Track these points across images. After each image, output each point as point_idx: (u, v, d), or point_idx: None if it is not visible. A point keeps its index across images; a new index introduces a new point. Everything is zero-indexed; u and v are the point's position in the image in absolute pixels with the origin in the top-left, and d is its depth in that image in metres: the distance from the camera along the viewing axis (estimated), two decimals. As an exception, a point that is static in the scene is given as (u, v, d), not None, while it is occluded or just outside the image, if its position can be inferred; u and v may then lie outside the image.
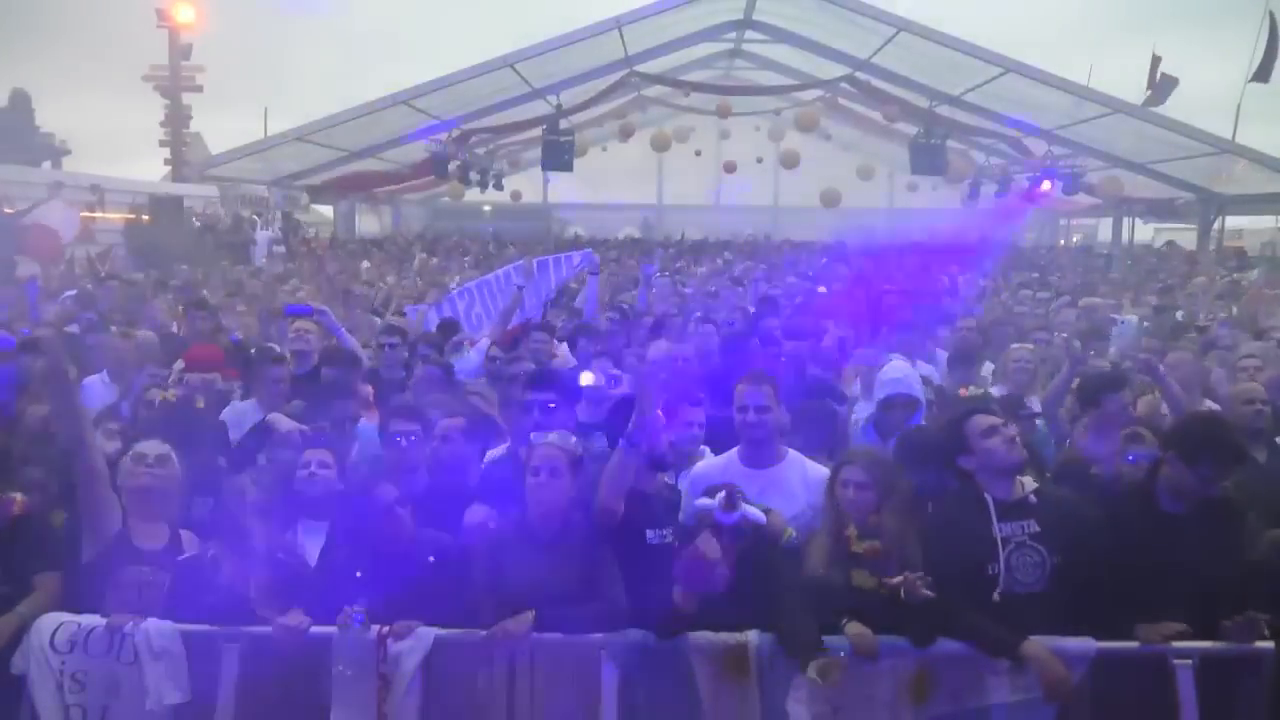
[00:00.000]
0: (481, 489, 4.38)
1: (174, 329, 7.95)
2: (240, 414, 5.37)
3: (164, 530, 3.93)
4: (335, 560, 3.89)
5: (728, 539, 3.56)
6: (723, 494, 3.56)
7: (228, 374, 5.71)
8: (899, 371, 5.16)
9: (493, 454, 4.74)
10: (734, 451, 4.29)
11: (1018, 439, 3.76)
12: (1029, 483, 3.76)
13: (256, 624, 3.60)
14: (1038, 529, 3.62)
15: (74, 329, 7.74)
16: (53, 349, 3.84)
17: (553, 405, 4.68)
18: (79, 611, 3.62)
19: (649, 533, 3.91)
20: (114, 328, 7.25)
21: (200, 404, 5.06)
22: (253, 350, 6.57)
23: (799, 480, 4.10)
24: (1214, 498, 3.74)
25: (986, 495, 3.68)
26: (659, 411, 3.92)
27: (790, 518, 3.89)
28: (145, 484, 3.88)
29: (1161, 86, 19.86)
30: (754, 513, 3.60)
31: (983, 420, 3.75)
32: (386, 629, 3.58)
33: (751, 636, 3.57)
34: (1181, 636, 3.52)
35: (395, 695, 3.54)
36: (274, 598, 3.68)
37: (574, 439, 3.94)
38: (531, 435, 4.13)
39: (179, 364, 5.86)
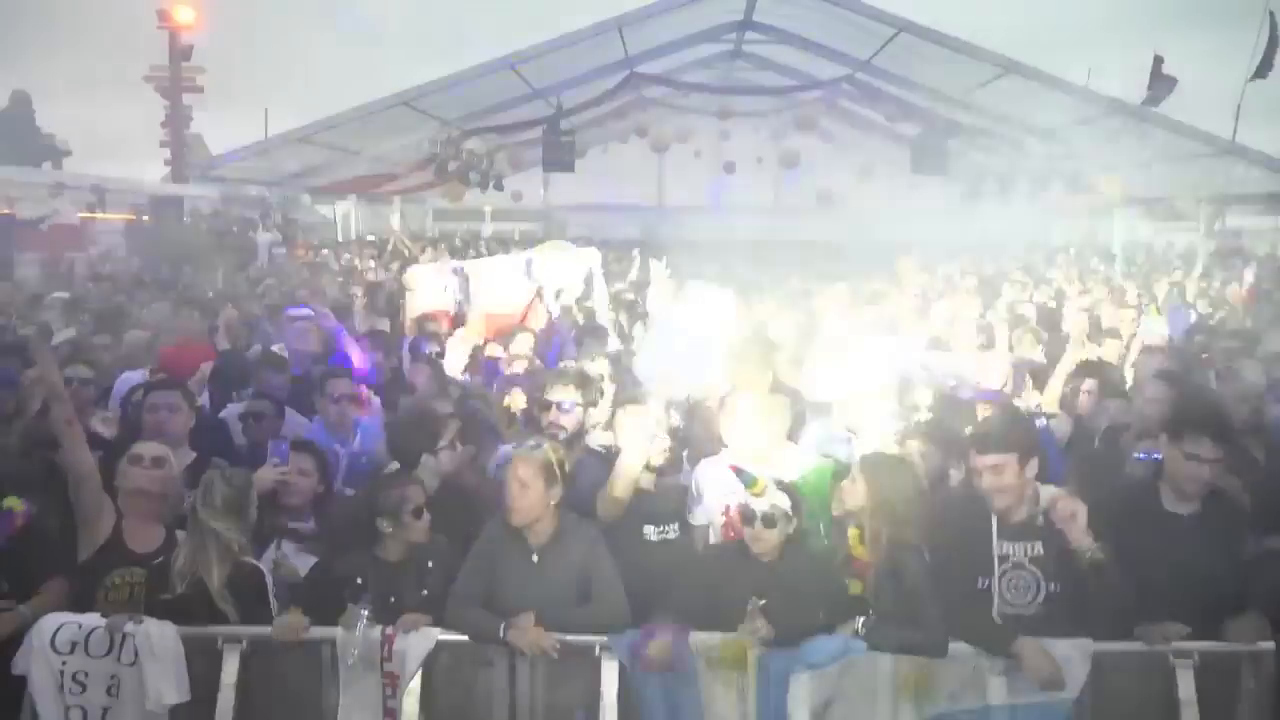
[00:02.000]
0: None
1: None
2: (235, 415, 5.38)
3: (159, 531, 3.92)
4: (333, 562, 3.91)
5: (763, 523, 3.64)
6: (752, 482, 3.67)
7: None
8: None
9: None
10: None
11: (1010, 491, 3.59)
12: (1050, 496, 3.65)
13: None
14: (1040, 552, 3.56)
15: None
16: (42, 355, 3.85)
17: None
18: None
19: (648, 529, 3.93)
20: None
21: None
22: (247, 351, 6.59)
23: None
24: (1217, 498, 3.74)
25: (992, 511, 3.63)
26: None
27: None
28: (141, 486, 3.88)
29: (1160, 86, 19.84)
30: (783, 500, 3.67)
31: (982, 461, 3.62)
32: (391, 627, 3.58)
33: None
34: (1181, 637, 3.51)
35: (401, 692, 3.56)
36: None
37: (545, 447, 3.93)
38: (504, 448, 4.20)
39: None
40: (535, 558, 3.77)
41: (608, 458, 4.28)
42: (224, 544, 3.70)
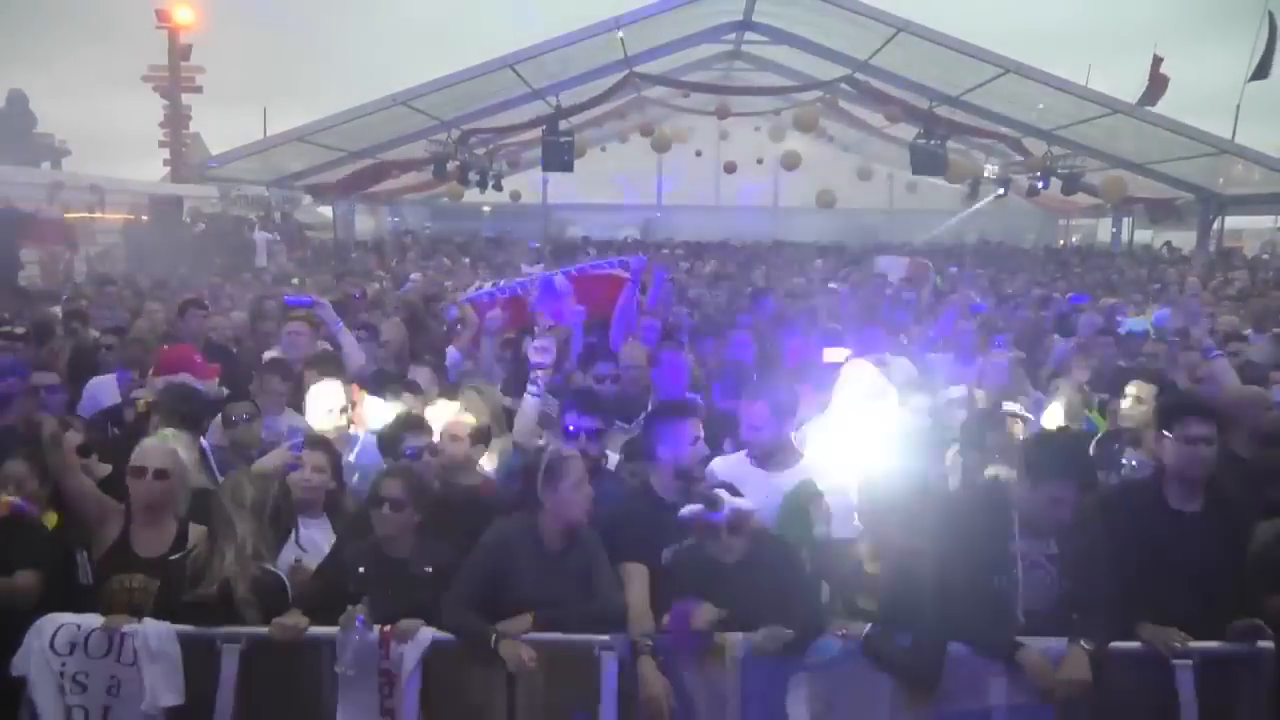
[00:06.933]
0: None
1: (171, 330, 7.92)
2: None
3: (171, 530, 3.92)
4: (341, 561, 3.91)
5: (730, 534, 3.64)
6: (706, 498, 3.66)
7: (205, 373, 5.65)
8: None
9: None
10: (743, 452, 4.34)
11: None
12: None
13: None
14: (1055, 550, 3.55)
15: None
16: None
17: (596, 429, 4.51)
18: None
19: (667, 554, 3.89)
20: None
21: None
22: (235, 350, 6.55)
23: None
24: (1220, 496, 3.74)
25: (1012, 509, 3.60)
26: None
27: None
28: (145, 501, 3.88)
29: (1154, 86, 19.96)
30: (743, 504, 3.64)
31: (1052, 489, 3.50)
32: (389, 628, 3.58)
33: (730, 637, 3.53)
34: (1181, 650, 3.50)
35: (398, 693, 3.55)
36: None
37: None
38: (555, 447, 4.08)
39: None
40: (553, 558, 3.75)
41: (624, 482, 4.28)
42: (249, 547, 3.70)
